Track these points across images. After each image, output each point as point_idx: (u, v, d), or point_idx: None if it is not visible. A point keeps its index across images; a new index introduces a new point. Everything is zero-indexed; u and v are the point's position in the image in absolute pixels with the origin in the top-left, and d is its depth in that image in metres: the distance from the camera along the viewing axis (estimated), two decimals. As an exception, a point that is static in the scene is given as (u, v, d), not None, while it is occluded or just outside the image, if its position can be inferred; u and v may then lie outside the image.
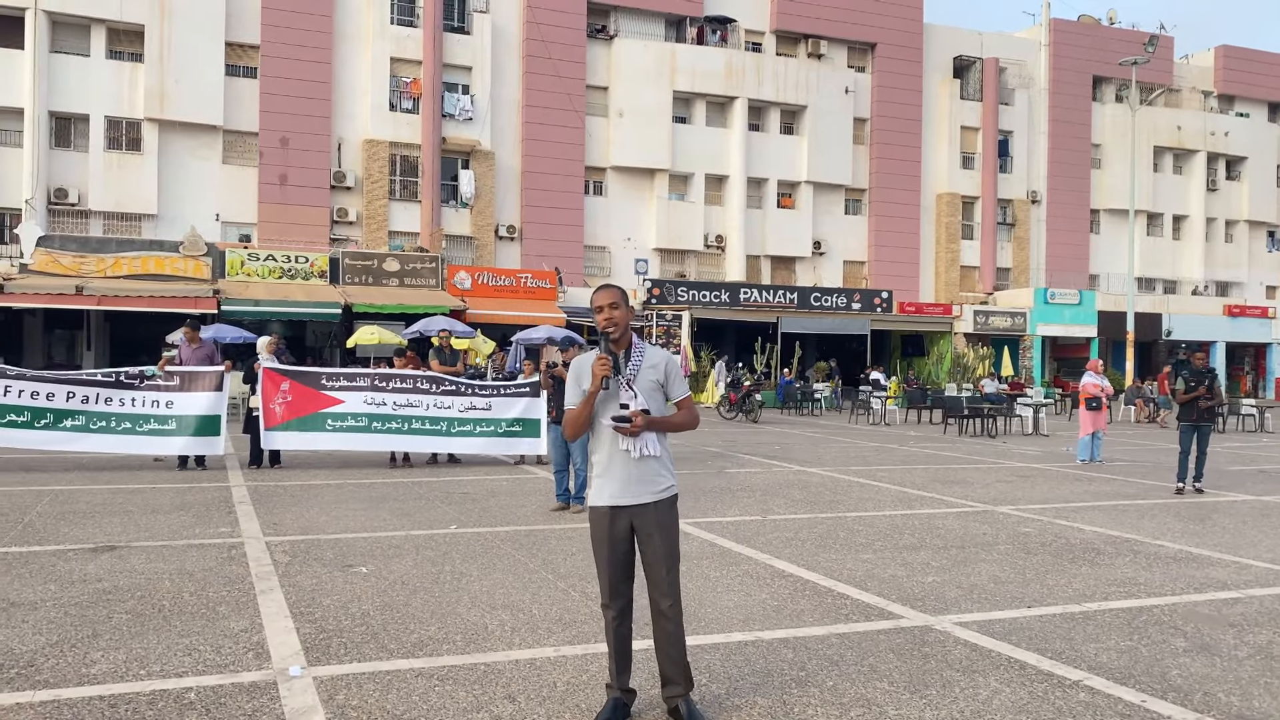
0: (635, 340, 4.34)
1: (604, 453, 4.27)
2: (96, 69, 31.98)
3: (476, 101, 36.04)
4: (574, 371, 4.31)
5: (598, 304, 4.28)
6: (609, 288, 4.33)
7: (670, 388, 4.33)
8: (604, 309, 4.26)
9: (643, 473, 4.23)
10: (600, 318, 4.26)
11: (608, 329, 4.25)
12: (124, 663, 4.87)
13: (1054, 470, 14.81)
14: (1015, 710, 4.46)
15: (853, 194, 42.48)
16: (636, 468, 4.22)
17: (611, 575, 4.26)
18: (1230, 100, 50.18)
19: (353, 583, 6.63)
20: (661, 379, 4.30)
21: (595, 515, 4.29)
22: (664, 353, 4.39)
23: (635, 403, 4.19)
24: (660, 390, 4.30)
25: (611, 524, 4.23)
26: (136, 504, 9.87)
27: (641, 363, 4.28)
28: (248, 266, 29.64)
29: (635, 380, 4.24)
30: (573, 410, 4.28)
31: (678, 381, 4.36)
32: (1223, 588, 7.04)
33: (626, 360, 4.26)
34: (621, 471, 4.23)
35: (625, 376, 4.23)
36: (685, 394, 4.38)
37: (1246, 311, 44.89)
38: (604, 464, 4.27)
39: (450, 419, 13.29)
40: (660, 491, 4.26)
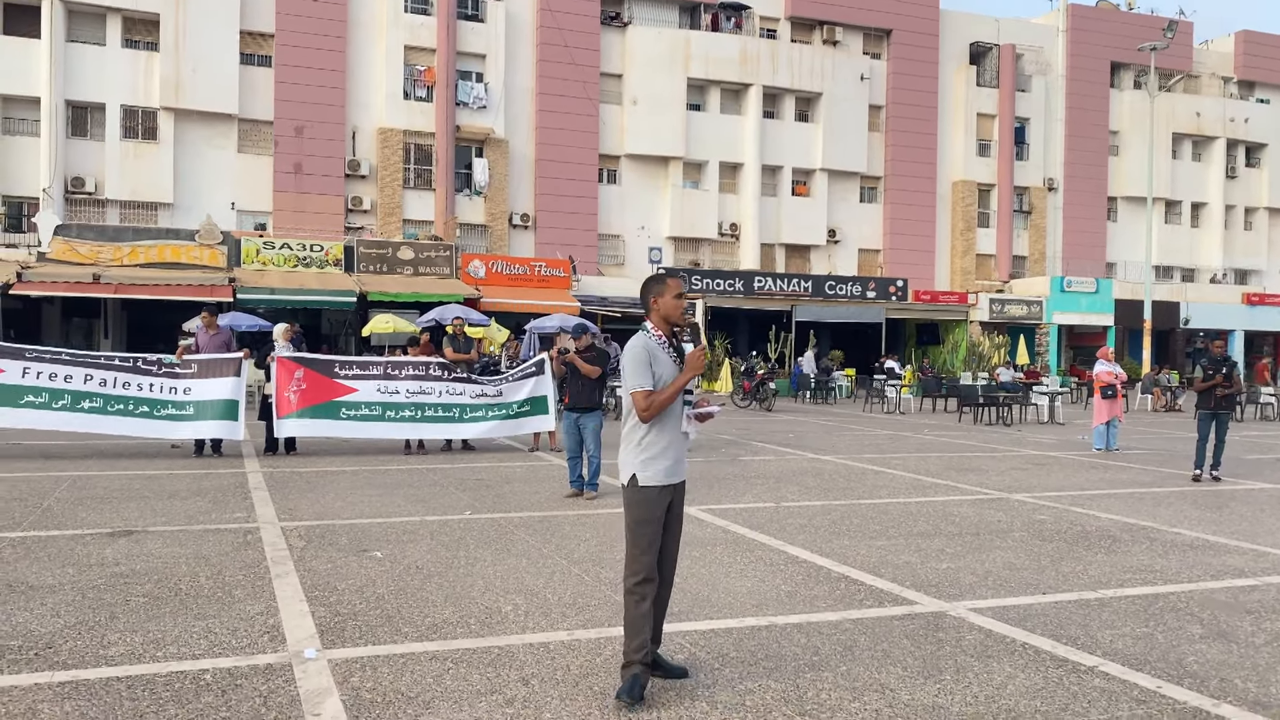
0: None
1: (668, 434, 4.45)
2: (112, 58, 32.13)
3: (490, 89, 36.02)
4: (643, 354, 4.39)
5: (680, 291, 4.54)
6: (676, 277, 4.62)
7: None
8: (683, 299, 4.55)
9: (683, 451, 4.56)
10: (681, 305, 4.54)
11: (684, 318, 4.55)
12: (141, 645, 4.91)
13: (1070, 458, 14.74)
14: (1029, 695, 4.45)
15: (868, 182, 42.30)
16: (684, 446, 4.55)
17: (655, 550, 4.40)
18: (1250, 86, 49.67)
19: (367, 567, 6.66)
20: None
21: (653, 494, 4.40)
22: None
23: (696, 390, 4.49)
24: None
25: (661, 501, 4.43)
26: (153, 489, 9.94)
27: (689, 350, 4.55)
28: (263, 255, 29.75)
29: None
30: (663, 393, 4.37)
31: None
32: (1240, 575, 7.00)
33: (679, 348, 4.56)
34: (677, 452, 4.49)
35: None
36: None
37: (1266, 300, 44.47)
38: (664, 445, 4.44)
39: (463, 405, 13.37)
40: (686, 467, 4.61)
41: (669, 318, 4.51)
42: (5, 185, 31.34)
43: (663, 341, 4.48)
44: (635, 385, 4.39)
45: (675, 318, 4.53)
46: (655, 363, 4.39)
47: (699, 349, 4.42)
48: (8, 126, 31.54)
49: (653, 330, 4.49)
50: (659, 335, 4.48)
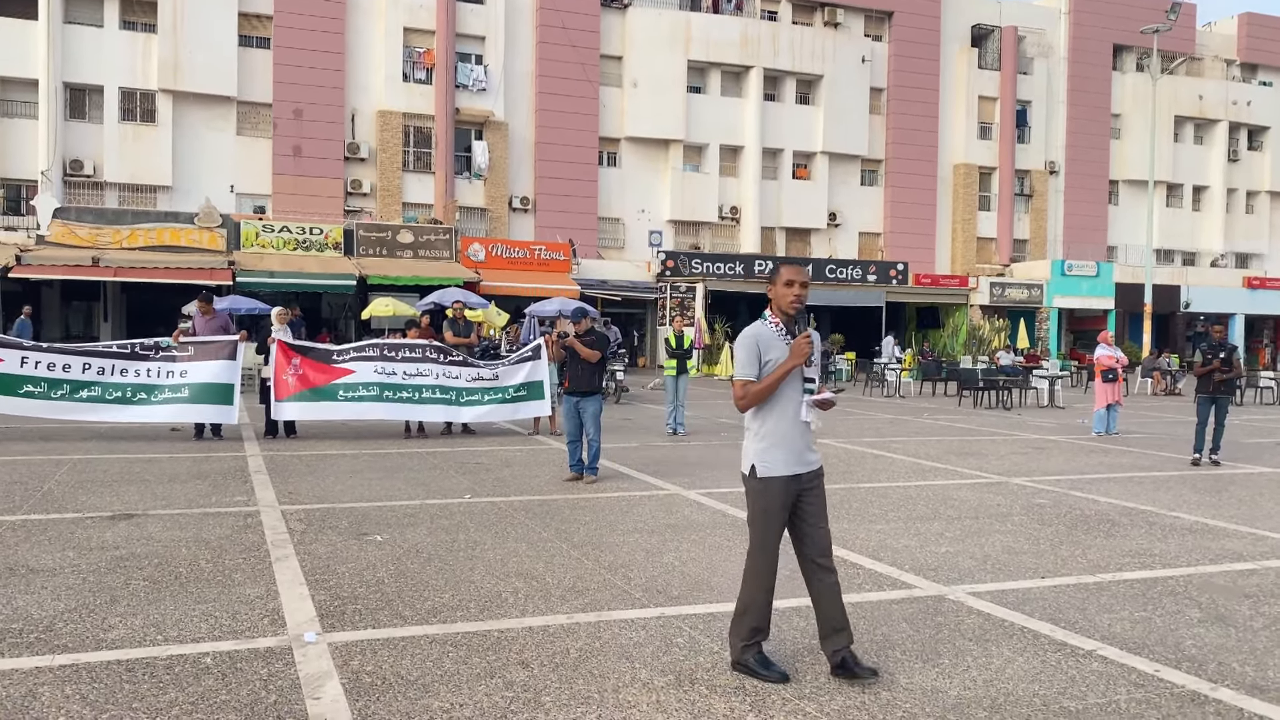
0: (799, 316, 4.49)
1: (783, 424, 4.40)
2: (110, 40, 31.99)
3: (490, 72, 35.88)
4: (751, 342, 4.41)
5: (789, 278, 4.42)
6: (797, 265, 4.53)
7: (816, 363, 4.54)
8: (795, 285, 4.42)
9: (809, 442, 4.48)
10: (791, 294, 4.41)
11: (795, 309, 4.42)
12: (141, 628, 4.92)
13: (1069, 442, 14.75)
14: (1028, 679, 4.46)
15: (869, 165, 42.18)
16: (808, 437, 4.47)
17: (773, 544, 4.42)
18: (1253, 69, 49.46)
19: (367, 551, 6.67)
20: (817, 358, 4.50)
21: (773, 485, 4.38)
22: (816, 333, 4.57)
23: (819, 378, 4.40)
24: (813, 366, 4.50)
25: (787, 492, 4.40)
26: (154, 473, 9.95)
27: (814, 339, 4.46)
28: (262, 238, 29.71)
29: (811, 356, 4.41)
30: (761, 383, 4.37)
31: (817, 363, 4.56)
32: (1238, 559, 7.01)
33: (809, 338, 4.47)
34: (801, 441, 4.42)
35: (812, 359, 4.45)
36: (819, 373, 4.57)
37: (1267, 283, 44.41)
38: (779, 434, 4.40)
39: (459, 388, 13.38)
40: (818, 459, 4.53)
41: (780, 305, 4.44)
42: (4, 168, 31.27)
43: (779, 329, 4.43)
44: (738, 374, 4.45)
45: (785, 306, 4.42)
46: (768, 350, 4.39)
47: (800, 336, 4.37)
48: (6, 109, 31.43)
49: (770, 318, 4.48)
50: (775, 323, 4.45)
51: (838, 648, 4.40)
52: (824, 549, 4.44)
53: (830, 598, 4.42)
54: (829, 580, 4.42)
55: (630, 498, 9.06)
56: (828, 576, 4.43)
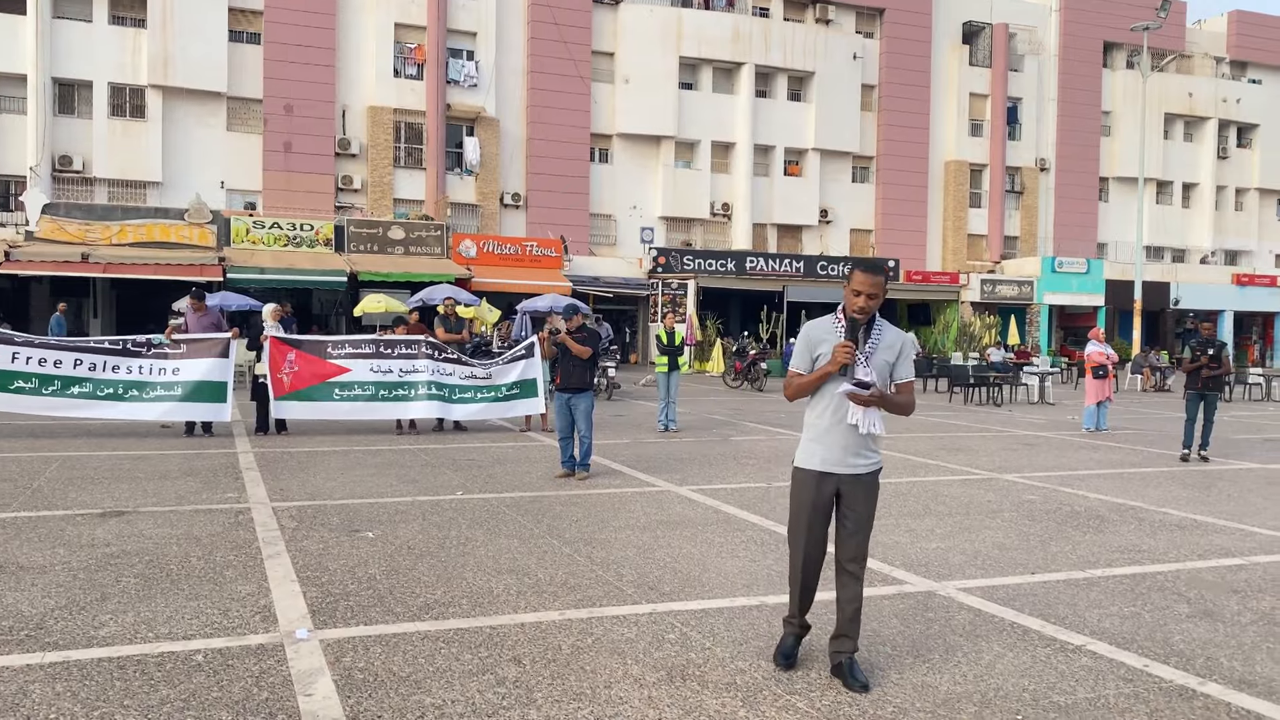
0: (876, 318, 4.41)
1: (825, 420, 4.40)
2: (99, 35, 31.84)
3: (481, 68, 35.82)
4: (805, 336, 4.48)
5: (857, 288, 4.32)
6: (874, 274, 4.33)
7: (898, 369, 4.42)
8: (862, 296, 4.31)
9: (859, 445, 4.39)
10: (857, 302, 4.32)
11: (856, 316, 4.32)
12: (132, 625, 4.91)
13: (1059, 438, 14.81)
14: (1018, 675, 4.48)
15: (860, 162, 42.23)
16: (857, 440, 4.37)
17: (809, 535, 4.46)
18: (1243, 67, 49.65)
19: (359, 547, 6.67)
20: (893, 360, 4.40)
21: (804, 478, 4.46)
22: (900, 334, 4.47)
23: (870, 379, 4.30)
24: (888, 370, 4.41)
25: (819, 487, 4.41)
26: (144, 470, 9.92)
27: (879, 343, 4.38)
28: (253, 234, 29.62)
29: (872, 358, 4.35)
30: (803, 379, 4.43)
31: (907, 364, 4.44)
32: (1227, 554, 7.05)
33: (865, 338, 4.37)
34: (842, 441, 4.37)
35: (863, 354, 4.34)
36: (910, 377, 4.45)
37: (1255, 280, 44.63)
38: (822, 430, 4.42)
39: (452, 386, 13.42)
40: (871, 464, 4.44)
41: (846, 307, 4.39)
42: (-8, 163, 31.09)
43: (839, 326, 4.38)
44: (789, 366, 4.53)
45: (850, 310, 4.34)
46: (819, 345, 4.42)
47: (838, 344, 4.29)
48: (-6, 104, 31.27)
49: (838, 314, 4.43)
50: (839, 320, 4.40)
51: (838, 651, 4.42)
52: (852, 556, 4.40)
53: (845, 605, 4.41)
54: (851, 589, 4.41)
55: (622, 494, 9.06)
56: (851, 584, 4.41)
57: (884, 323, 4.44)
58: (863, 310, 4.31)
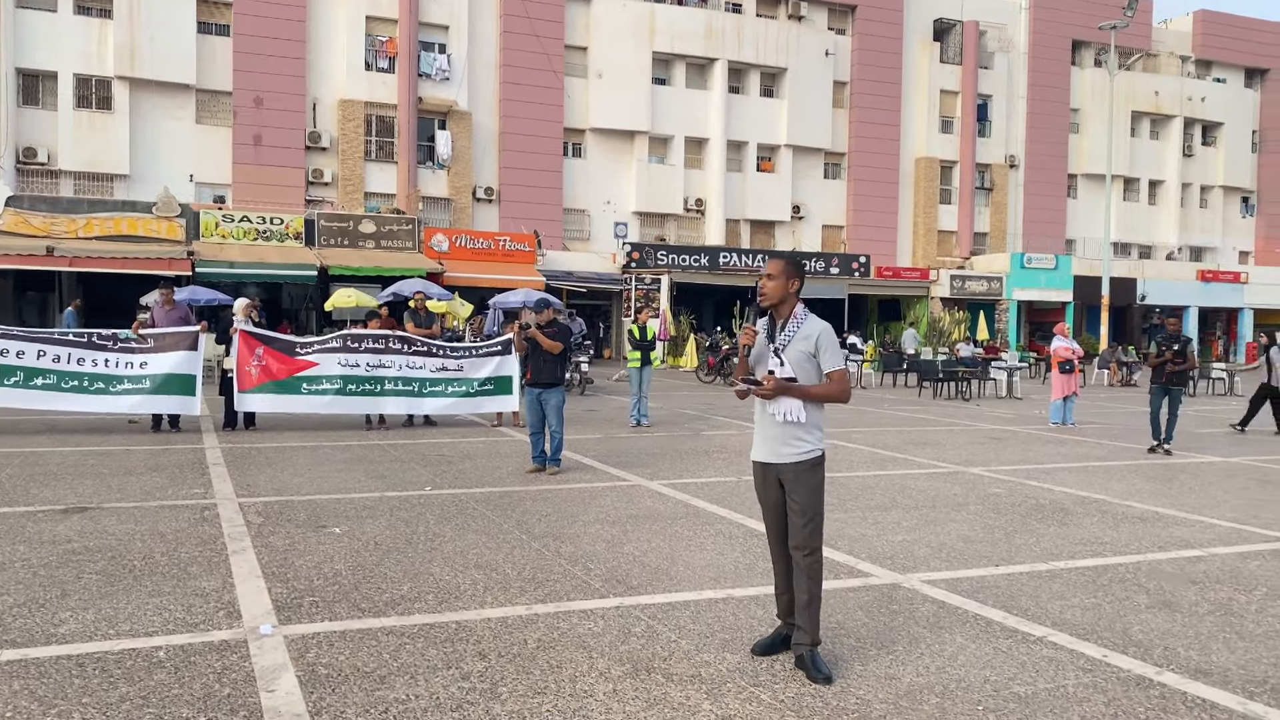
0: (798, 312, 4.52)
1: (757, 411, 4.61)
2: (65, 25, 31.38)
3: (453, 61, 35.63)
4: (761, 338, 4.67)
5: (764, 273, 4.60)
6: (774, 259, 4.61)
7: (821, 359, 4.47)
8: (763, 279, 4.55)
9: (784, 435, 4.48)
10: (761, 285, 4.57)
11: (760, 300, 4.58)
12: (93, 622, 4.86)
13: (1026, 432, 14.96)
14: (980, 666, 4.53)
15: (832, 158, 42.40)
16: (778, 430, 4.49)
17: (766, 528, 4.67)
18: (1208, 65, 50.29)
19: (326, 543, 6.64)
20: (813, 350, 4.46)
21: (753, 468, 4.68)
22: (820, 325, 4.51)
23: (781, 370, 4.45)
24: (812, 361, 4.47)
25: (763, 478, 4.59)
26: (109, 466, 9.81)
27: (795, 334, 4.48)
28: (222, 228, 29.32)
29: (785, 350, 4.46)
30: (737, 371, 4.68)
31: (829, 354, 4.47)
32: (1186, 546, 7.16)
33: (781, 330, 4.49)
34: (769, 431, 4.53)
35: (776, 345, 4.48)
36: (835, 367, 4.48)
37: (1219, 277, 45.25)
38: (756, 424, 4.64)
39: (422, 379, 13.31)
40: (800, 453, 4.47)
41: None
42: (-46, 155, 30.60)
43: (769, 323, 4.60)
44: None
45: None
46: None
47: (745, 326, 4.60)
48: (-44, 95, 30.75)
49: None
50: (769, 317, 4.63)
51: (796, 644, 4.46)
52: (797, 544, 4.47)
53: (797, 594, 4.48)
54: (800, 580, 4.46)
55: (592, 489, 9.07)
56: (800, 575, 4.47)
57: (808, 316, 4.54)
58: (764, 294, 4.51)
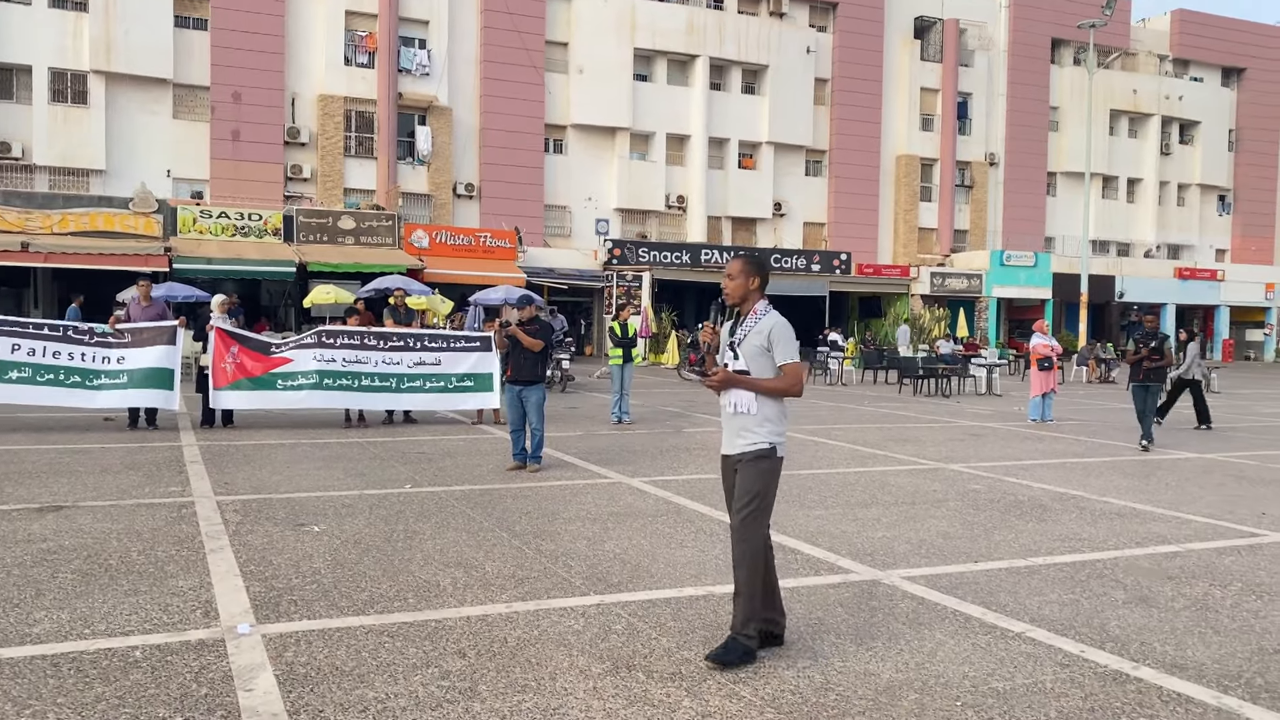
0: (759, 308, 4.62)
1: (720, 405, 4.71)
2: (39, 18, 31.01)
3: (434, 56, 35.47)
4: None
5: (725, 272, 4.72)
6: (735, 259, 4.71)
7: (775, 352, 4.54)
8: (725, 279, 4.68)
9: (736, 426, 4.61)
10: (724, 286, 4.73)
11: (724, 299, 4.70)
12: (68, 622, 4.81)
13: (1005, 429, 15.05)
14: (959, 662, 4.55)
15: (813, 155, 42.48)
16: (731, 422, 4.63)
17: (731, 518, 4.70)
18: (1185, 64, 50.69)
19: (304, 541, 6.60)
20: (766, 344, 4.54)
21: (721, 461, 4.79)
22: (775, 319, 4.59)
23: (734, 364, 4.58)
24: (767, 354, 4.55)
25: (724, 470, 4.72)
26: (85, 464, 9.72)
27: (752, 329, 4.57)
28: (200, 224, 29.09)
29: (741, 344, 4.58)
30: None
31: (782, 348, 4.54)
32: (1163, 542, 7.21)
33: (740, 323, 4.62)
34: (725, 424, 4.69)
35: (733, 340, 4.61)
36: (788, 359, 4.54)
37: (1196, 274, 45.69)
38: (721, 417, 4.73)
39: (399, 375, 13.15)
40: (749, 444, 4.56)
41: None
42: (-74, 149, 30.21)
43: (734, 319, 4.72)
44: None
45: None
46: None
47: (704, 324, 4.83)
48: (-72, 88, 30.37)
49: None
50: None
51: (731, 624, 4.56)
52: (733, 526, 4.57)
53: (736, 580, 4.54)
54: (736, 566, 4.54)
55: (573, 486, 9.06)
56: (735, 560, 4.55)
57: (767, 311, 4.62)
58: (727, 293, 4.66)
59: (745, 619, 4.46)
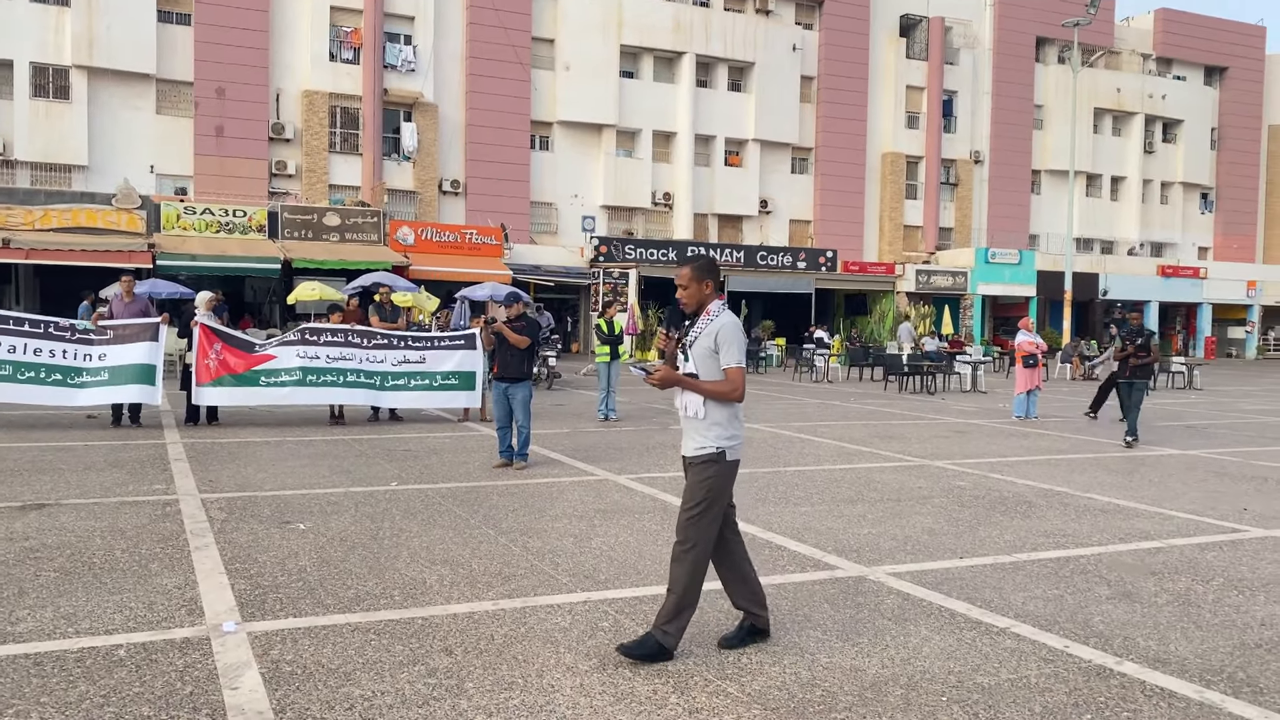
0: (712, 309, 4.58)
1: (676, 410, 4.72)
2: (20, 12, 30.74)
3: (419, 52, 35.35)
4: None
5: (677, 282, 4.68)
6: (683, 266, 4.64)
7: (721, 354, 4.49)
8: (678, 289, 4.65)
9: (688, 429, 4.63)
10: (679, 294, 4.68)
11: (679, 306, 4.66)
12: (51, 620, 4.78)
13: (990, 426, 15.12)
14: (944, 657, 4.57)
15: (799, 153, 42.54)
16: (684, 425, 4.65)
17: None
18: (1168, 63, 50.98)
19: (290, 539, 6.57)
20: (714, 346, 4.49)
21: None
22: (724, 321, 4.52)
23: (684, 366, 4.56)
24: (715, 357, 4.51)
25: (685, 471, 4.67)
26: (68, 462, 9.66)
27: (703, 331, 4.54)
28: (184, 220, 28.92)
29: (692, 346, 4.56)
30: None
31: (727, 350, 4.48)
32: (1146, 538, 7.26)
33: (690, 328, 4.62)
34: (683, 425, 4.67)
35: (685, 342, 4.60)
36: (731, 363, 4.48)
37: (1179, 272, 45.98)
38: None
39: (384, 373, 13.10)
40: (696, 448, 4.55)
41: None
42: (-94, 145, 29.92)
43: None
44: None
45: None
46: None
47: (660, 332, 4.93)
48: (-92, 83, 30.07)
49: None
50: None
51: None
52: (677, 528, 4.55)
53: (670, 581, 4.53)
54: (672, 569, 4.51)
55: (560, 483, 9.05)
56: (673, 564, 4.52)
57: (720, 312, 4.55)
58: (683, 304, 4.63)
59: (669, 617, 4.43)
